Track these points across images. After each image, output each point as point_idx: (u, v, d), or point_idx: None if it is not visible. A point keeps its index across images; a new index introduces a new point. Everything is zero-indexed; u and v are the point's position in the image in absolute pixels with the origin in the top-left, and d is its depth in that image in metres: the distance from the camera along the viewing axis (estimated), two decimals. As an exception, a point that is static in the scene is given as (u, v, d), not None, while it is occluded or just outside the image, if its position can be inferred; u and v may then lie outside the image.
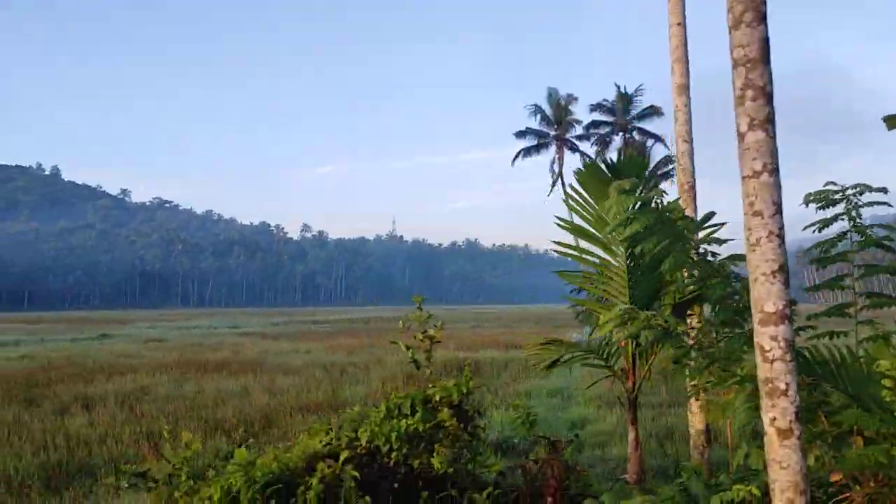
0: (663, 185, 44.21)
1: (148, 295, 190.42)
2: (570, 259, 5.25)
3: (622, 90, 55.16)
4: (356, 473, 4.12)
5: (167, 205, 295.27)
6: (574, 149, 53.34)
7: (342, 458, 4.23)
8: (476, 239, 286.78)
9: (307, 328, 47.06)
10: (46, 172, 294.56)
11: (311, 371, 18.23)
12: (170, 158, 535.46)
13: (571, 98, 51.76)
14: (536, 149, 53.00)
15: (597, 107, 56.01)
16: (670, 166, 66.68)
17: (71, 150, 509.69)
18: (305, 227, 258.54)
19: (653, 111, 54.89)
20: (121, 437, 10.15)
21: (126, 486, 5.89)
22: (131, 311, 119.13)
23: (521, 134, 52.77)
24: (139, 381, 16.74)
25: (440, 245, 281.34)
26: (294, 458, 4.30)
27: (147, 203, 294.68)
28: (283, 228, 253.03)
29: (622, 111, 55.12)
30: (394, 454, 4.31)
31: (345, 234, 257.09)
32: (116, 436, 10.18)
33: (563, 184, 52.86)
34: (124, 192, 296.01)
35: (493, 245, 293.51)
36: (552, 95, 51.99)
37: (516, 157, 53.37)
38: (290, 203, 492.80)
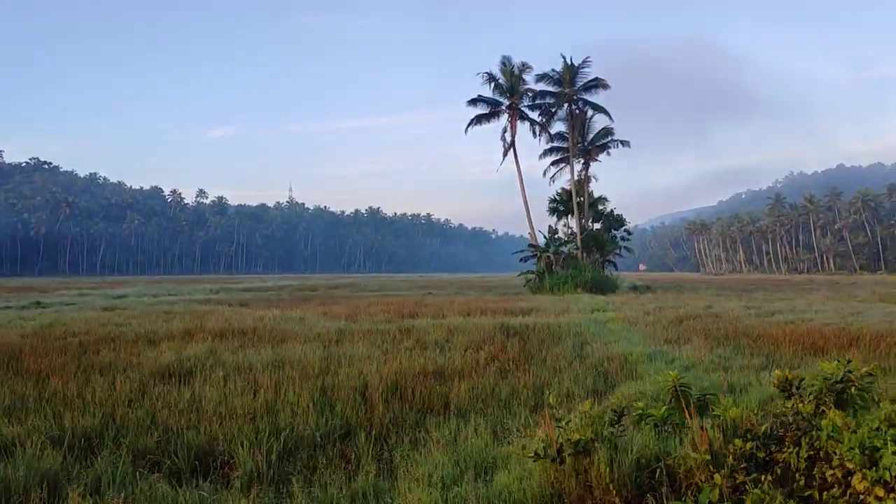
0: (601, 157, 45.01)
1: (32, 262, 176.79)
2: (472, 230, 5.02)
3: (569, 61, 55.52)
4: None
5: (46, 166, 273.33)
6: (524, 118, 53.39)
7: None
8: (378, 207, 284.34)
9: (258, 295, 45.19)
10: None
11: (368, 338, 17.45)
12: (45, 117, 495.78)
13: (526, 66, 51.70)
14: (487, 117, 52.66)
15: (542, 77, 56.25)
16: (609, 138, 67.68)
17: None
18: (201, 193, 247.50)
19: (598, 83, 55.58)
20: (296, 405, 9.26)
21: (534, 454, 5.40)
22: (21, 279, 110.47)
23: (473, 102, 52.22)
24: (189, 349, 15.42)
25: (342, 213, 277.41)
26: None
27: (23, 164, 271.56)
28: (179, 193, 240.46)
29: (568, 82, 55.57)
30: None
31: (244, 201, 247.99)
32: (289, 404, 9.27)
33: (514, 153, 52.91)
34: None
35: (395, 214, 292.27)
36: (506, 64, 51.65)
37: (469, 125, 52.96)
38: (182, 168, 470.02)
